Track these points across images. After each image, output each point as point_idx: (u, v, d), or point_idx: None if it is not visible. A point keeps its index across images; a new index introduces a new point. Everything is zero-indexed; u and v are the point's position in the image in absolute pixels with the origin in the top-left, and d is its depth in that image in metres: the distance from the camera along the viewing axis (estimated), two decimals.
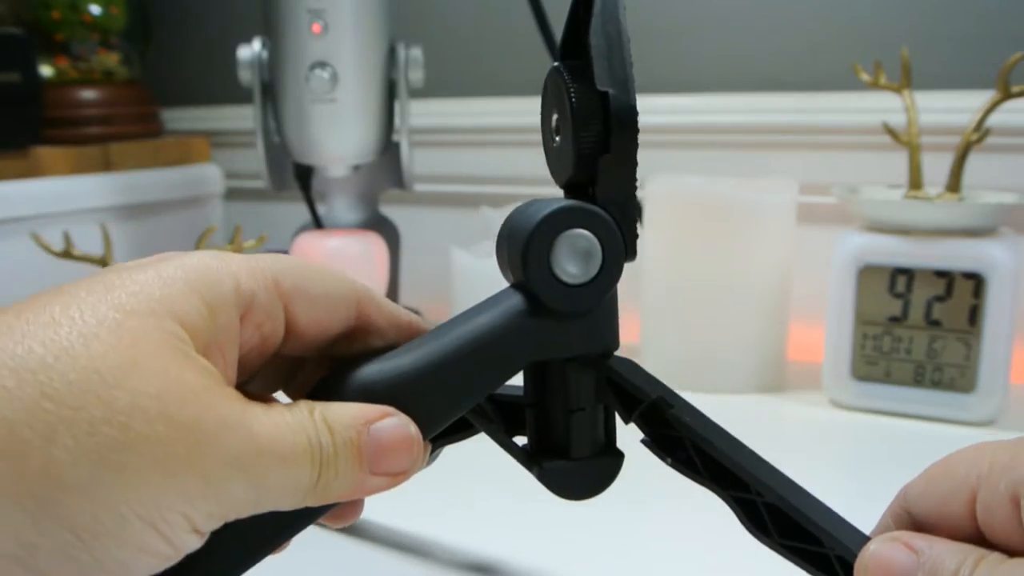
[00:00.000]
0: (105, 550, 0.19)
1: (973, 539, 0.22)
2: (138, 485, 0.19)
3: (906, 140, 0.59)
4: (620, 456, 0.28)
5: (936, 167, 0.60)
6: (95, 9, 0.84)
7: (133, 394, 0.19)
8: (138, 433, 0.19)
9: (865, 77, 0.60)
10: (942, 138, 0.63)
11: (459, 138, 0.85)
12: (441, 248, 0.73)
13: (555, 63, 0.27)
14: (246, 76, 0.68)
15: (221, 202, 0.94)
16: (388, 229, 0.76)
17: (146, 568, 0.19)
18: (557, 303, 0.25)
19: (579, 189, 0.26)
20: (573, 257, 0.25)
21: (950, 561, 0.21)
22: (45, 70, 0.84)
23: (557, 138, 0.27)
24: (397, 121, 0.70)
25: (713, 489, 0.26)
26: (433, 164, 0.85)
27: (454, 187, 0.86)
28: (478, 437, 0.31)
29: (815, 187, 0.68)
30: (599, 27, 0.25)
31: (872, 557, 0.23)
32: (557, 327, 0.26)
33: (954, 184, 0.57)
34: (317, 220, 0.71)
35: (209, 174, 0.93)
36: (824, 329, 0.60)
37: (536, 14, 0.75)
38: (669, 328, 0.64)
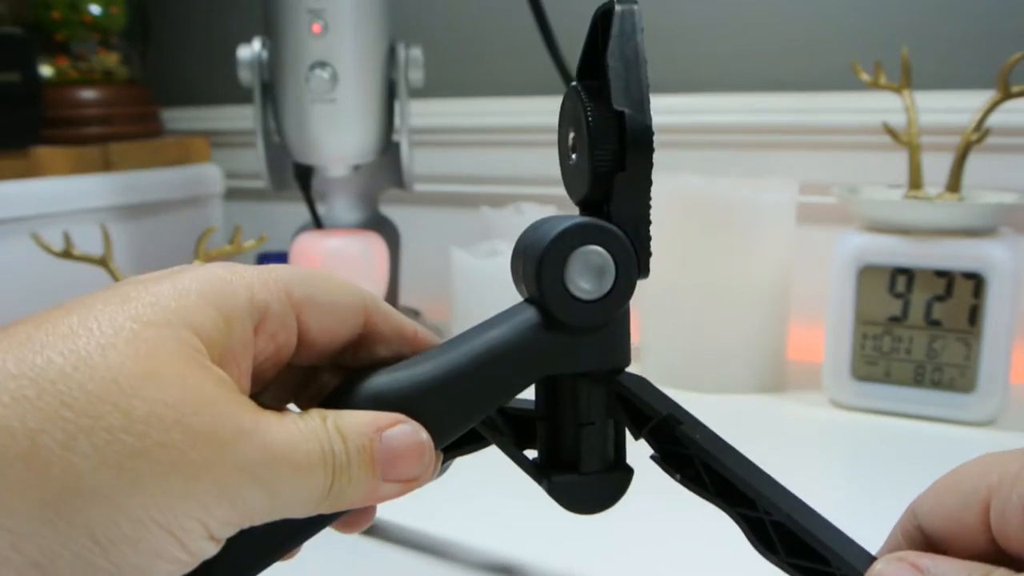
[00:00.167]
0: (123, 556, 0.19)
1: (988, 551, 0.22)
2: (155, 492, 0.19)
3: (906, 140, 0.59)
4: (629, 471, 0.28)
5: (936, 167, 0.60)
6: (95, 9, 0.84)
7: (150, 403, 0.19)
8: (155, 441, 0.19)
9: (865, 77, 0.60)
10: (942, 138, 0.63)
11: (459, 138, 0.85)
12: (441, 248, 0.73)
13: (572, 83, 0.27)
14: (246, 76, 0.68)
15: (221, 202, 0.94)
16: (388, 229, 0.76)
17: (163, 574, 0.20)
18: (570, 318, 0.26)
19: (594, 206, 0.26)
20: (587, 273, 0.25)
21: None
22: (45, 70, 0.84)
23: (573, 156, 0.27)
24: (397, 121, 0.70)
25: (721, 506, 0.26)
26: (433, 164, 0.86)
27: (454, 187, 0.86)
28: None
29: (815, 187, 0.68)
30: (617, 48, 0.25)
31: None
32: (569, 342, 0.26)
33: (954, 184, 0.57)
34: (317, 220, 0.71)
35: (209, 174, 0.93)
36: (824, 329, 0.60)
37: (536, 14, 0.75)
38: (669, 328, 0.64)
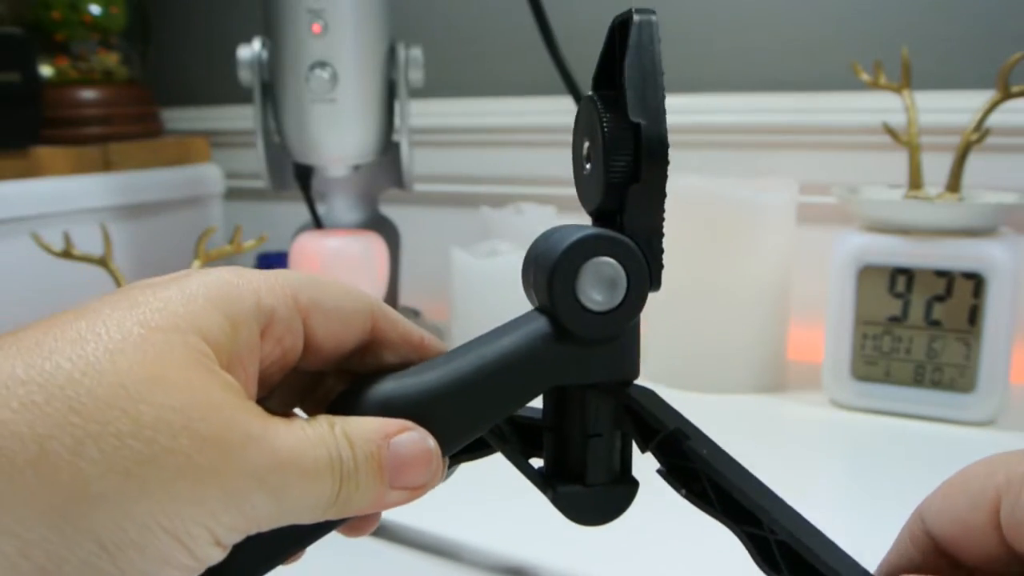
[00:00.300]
0: (130, 562, 0.19)
1: (999, 554, 0.22)
2: (162, 498, 0.19)
3: (906, 140, 0.59)
4: (635, 484, 0.28)
5: (936, 167, 0.60)
6: (95, 9, 0.84)
7: (158, 408, 0.19)
8: (163, 446, 0.19)
9: (865, 77, 0.60)
10: (942, 138, 0.63)
11: (459, 138, 0.85)
12: (441, 248, 0.73)
13: (589, 93, 0.27)
14: (246, 76, 0.68)
15: (221, 202, 0.94)
16: (388, 229, 0.76)
17: None
18: (580, 329, 0.25)
19: (607, 217, 0.26)
20: (598, 284, 0.25)
21: None
22: (45, 70, 0.84)
23: (588, 166, 0.27)
24: (397, 121, 0.70)
25: (726, 523, 0.26)
26: (433, 164, 0.86)
27: (454, 187, 0.86)
28: None
29: (815, 187, 0.68)
30: (634, 59, 0.25)
31: None
32: (579, 353, 0.26)
33: (954, 184, 0.57)
34: (317, 220, 0.71)
35: (209, 174, 0.93)
36: (824, 329, 0.60)
37: (536, 14, 0.75)
38: (669, 328, 0.64)
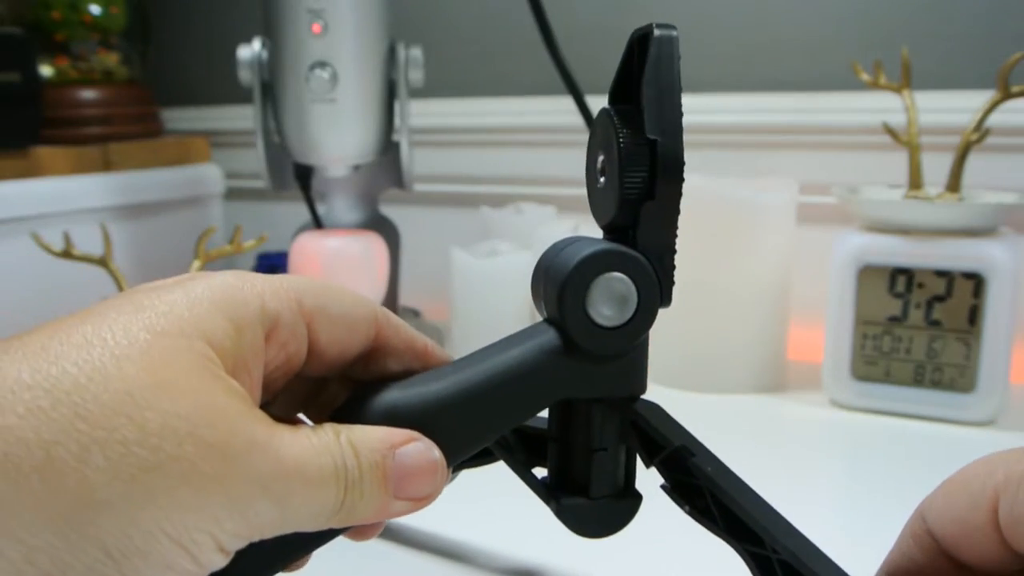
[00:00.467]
0: (135, 569, 0.19)
1: (1000, 553, 0.22)
2: (167, 504, 0.19)
3: (906, 140, 0.59)
4: (638, 498, 0.28)
5: (936, 167, 0.60)
6: (95, 9, 0.84)
7: (164, 415, 0.19)
8: (168, 454, 0.19)
9: (865, 77, 0.60)
10: (942, 138, 0.63)
11: (459, 138, 0.85)
12: (441, 248, 0.73)
13: (605, 106, 0.27)
14: (246, 76, 0.68)
15: (221, 202, 0.94)
16: (388, 229, 0.76)
17: None
18: (590, 344, 0.25)
19: (620, 231, 0.26)
20: (609, 300, 0.25)
21: None
22: (45, 70, 0.84)
23: (602, 179, 0.27)
24: (397, 121, 0.70)
25: (728, 541, 0.26)
26: (433, 164, 0.86)
27: (454, 187, 0.86)
28: None
29: (815, 187, 0.68)
30: (652, 75, 0.25)
31: None
32: (587, 368, 0.26)
33: (954, 184, 0.57)
34: (317, 220, 0.71)
35: (209, 174, 0.93)
36: (824, 329, 0.60)
37: (536, 14, 0.75)
38: (669, 328, 0.64)
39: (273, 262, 0.87)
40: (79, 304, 0.22)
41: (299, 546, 0.23)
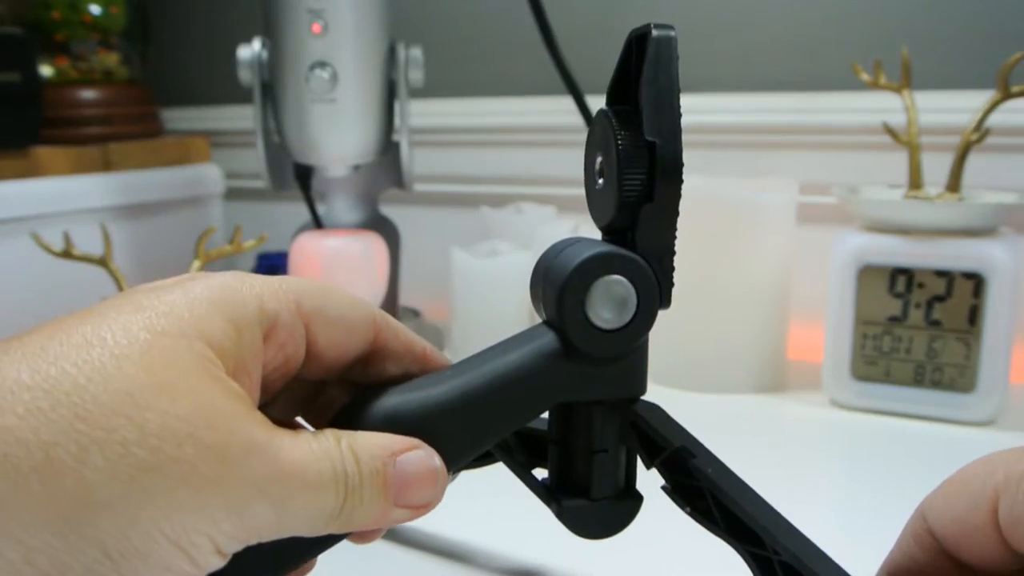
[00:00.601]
0: (133, 569, 0.19)
1: (1000, 553, 0.22)
2: (165, 505, 0.19)
3: (906, 140, 0.59)
4: (639, 498, 0.28)
5: (936, 167, 0.60)
6: (95, 9, 0.84)
7: (163, 416, 0.19)
8: (167, 455, 0.19)
9: (865, 77, 0.60)
10: (942, 138, 0.63)
11: (459, 138, 0.85)
12: (441, 248, 0.73)
13: (603, 107, 0.26)
14: (246, 76, 0.68)
15: (221, 202, 0.95)
16: (388, 229, 0.76)
17: None
18: (589, 347, 0.25)
19: (618, 233, 0.26)
20: (608, 303, 0.25)
21: None
22: (45, 70, 0.84)
23: (600, 181, 0.27)
24: (397, 121, 0.70)
25: (729, 542, 0.26)
26: (433, 164, 0.86)
27: (454, 187, 0.86)
28: None
29: (815, 187, 0.68)
30: (651, 76, 0.25)
31: None
32: (587, 370, 0.26)
33: (954, 184, 0.57)
34: (317, 220, 0.71)
35: (209, 174, 0.93)
36: (824, 329, 0.60)
37: (536, 14, 0.75)
38: (669, 328, 0.64)
39: (273, 262, 0.87)
40: (79, 304, 0.22)
41: (299, 551, 0.23)
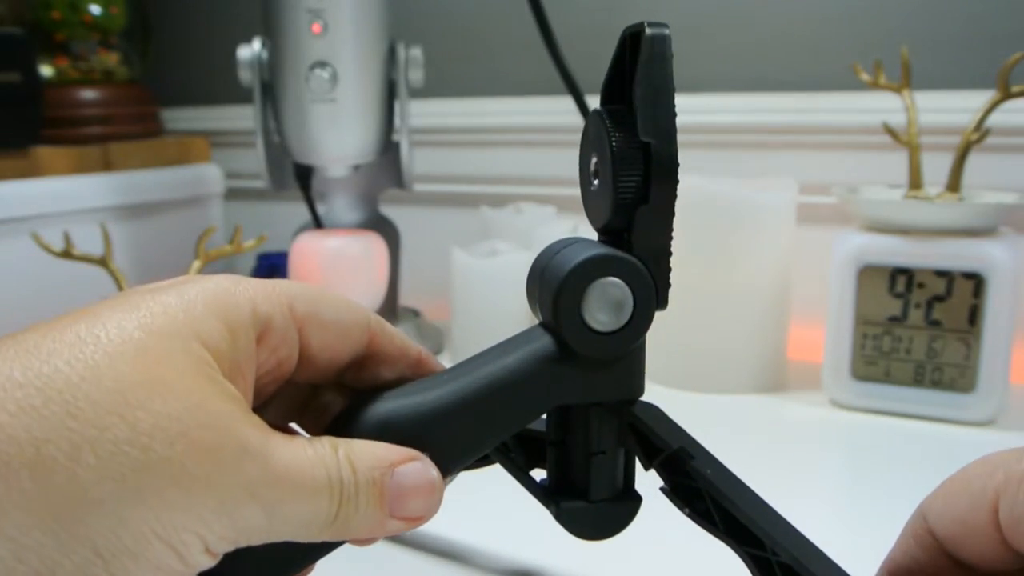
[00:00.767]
0: (124, 569, 0.19)
1: (1001, 553, 0.22)
2: (156, 504, 0.19)
3: (906, 140, 0.59)
4: (638, 500, 0.28)
5: (936, 167, 0.60)
6: (95, 9, 0.84)
7: (155, 416, 0.19)
8: (159, 454, 0.19)
9: (865, 77, 0.60)
10: (942, 138, 0.63)
11: (459, 138, 0.85)
12: (441, 248, 0.73)
13: (597, 108, 0.26)
14: (246, 76, 0.68)
15: (221, 202, 0.94)
16: (388, 229, 0.76)
17: None
18: (585, 349, 0.25)
19: (615, 234, 0.26)
20: (605, 305, 0.25)
21: None
22: (45, 70, 0.84)
23: (595, 182, 0.27)
24: (397, 121, 0.70)
25: (728, 543, 0.26)
26: (433, 164, 0.86)
27: (454, 187, 0.86)
28: None
29: (815, 187, 0.68)
30: (645, 76, 0.24)
31: None
32: (584, 373, 0.26)
33: (954, 184, 0.57)
34: (317, 220, 0.71)
35: (209, 174, 0.93)
36: (824, 329, 0.60)
37: (536, 14, 0.75)
38: (669, 328, 0.64)
39: (273, 262, 0.87)
40: (79, 304, 0.22)
41: (295, 556, 0.23)
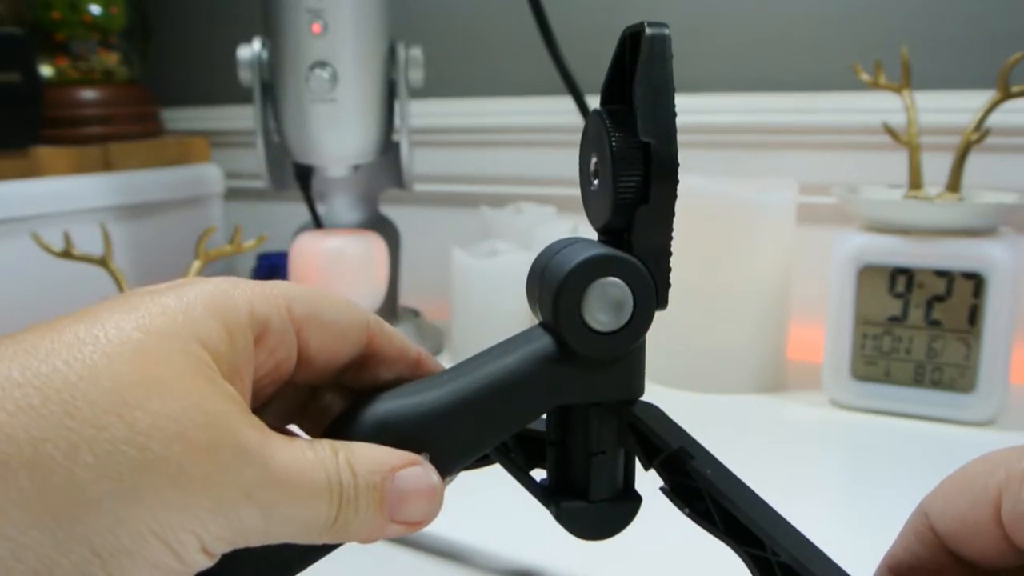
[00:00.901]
0: (121, 568, 0.19)
1: (1003, 551, 0.22)
2: (154, 504, 0.19)
3: (906, 140, 0.59)
4: (638, 499, 0.28)
5: (936, 167, 0.60)
6: (95, 9, 0.84)
7: (153, 415, 0.19)
8: (156, 454, 0.19)
9: (865, 77, 0.60)
10: (942, 138, 0.63)
11: (459, 138, 0.85)
12: (441, 248, 0.73)
13: (596, 108, 0.26)
14: (246, 76, 0.68)
15: (221, 202, 0.95)
16: (388, 229, 0.76)
17: None
18: (586, 350, 0.25)
19: (615, 234, 0.26)
20: (605, 305, 0.25)
21: None
22: (45, 70, 0.84)
23: (595, 182, 0.27)
24: (397, 121, 0.70)
25: (728, 543, 0.26)
26: (433, 164, 0.86)
27: (454, 187, 0.86)
28: None
29: (815, 187, 0.68)
30: (645, 76, 0.24)
31: None
32: (584, 373, 0.26)
33: (954, 184, 0.57)
34: (317, 220, 0.71)
35: (209, 174, 0.93)
36: (824, 329, 0.60)
37: (536, 14, 0.75)
38: (669, 328, 0.64)
39: (273, 262, 0.87)
40: (79, 304, 0.22)
41: (294, 558, 0.23)
